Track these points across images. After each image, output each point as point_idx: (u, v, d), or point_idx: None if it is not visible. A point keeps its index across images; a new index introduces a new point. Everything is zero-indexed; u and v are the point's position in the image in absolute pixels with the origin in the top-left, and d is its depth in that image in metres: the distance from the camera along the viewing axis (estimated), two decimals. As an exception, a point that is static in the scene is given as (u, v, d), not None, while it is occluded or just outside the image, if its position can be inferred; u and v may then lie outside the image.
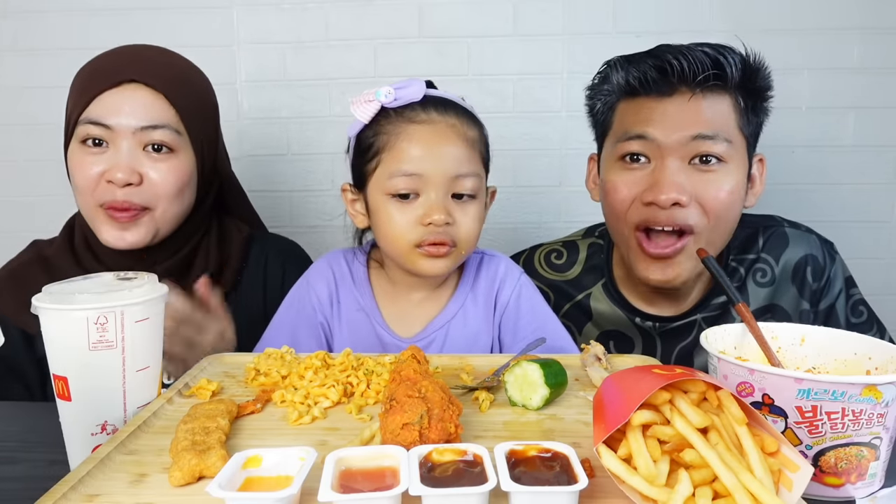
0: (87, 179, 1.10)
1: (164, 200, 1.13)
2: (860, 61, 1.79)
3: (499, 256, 1.17)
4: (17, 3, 1.84)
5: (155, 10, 1.83)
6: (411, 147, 0.99)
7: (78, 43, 1.85)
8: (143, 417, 0.72)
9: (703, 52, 1.04)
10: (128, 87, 1.10)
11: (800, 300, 1.21)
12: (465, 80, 1.84)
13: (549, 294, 1.27)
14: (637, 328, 1.23)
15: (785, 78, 1.79)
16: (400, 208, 1.01)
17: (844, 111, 1.82)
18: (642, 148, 1.09)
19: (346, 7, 1.83)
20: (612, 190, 1.13)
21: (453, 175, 0.99)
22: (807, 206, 1.83)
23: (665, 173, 1.06)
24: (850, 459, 0.67)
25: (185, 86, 1.16)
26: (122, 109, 1.09)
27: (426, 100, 1.02)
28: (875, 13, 1.77)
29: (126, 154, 1.09)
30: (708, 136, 1.04)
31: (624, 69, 1.11)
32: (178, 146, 1.13)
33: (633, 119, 1.10)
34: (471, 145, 1.02)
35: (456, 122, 1.01)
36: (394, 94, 1.00)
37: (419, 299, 1.12)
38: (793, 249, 1.21)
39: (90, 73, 1.14)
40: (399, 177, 0.99)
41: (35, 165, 1.90)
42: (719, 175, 1.06)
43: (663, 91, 1.07)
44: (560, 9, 1.81)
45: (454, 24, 1.83)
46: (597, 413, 0.62)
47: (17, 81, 1.88)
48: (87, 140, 1.10)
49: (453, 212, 1.00)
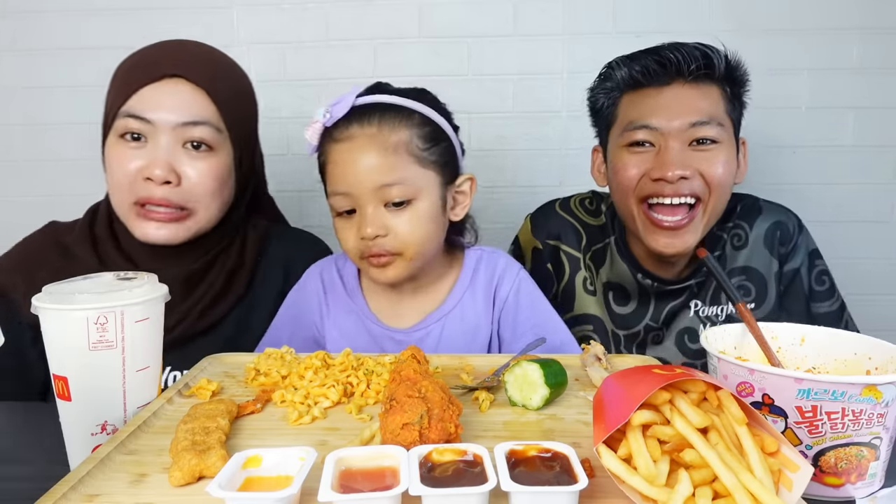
0: (124, 175, 1.07)
1: (203, 200, 1.11)
2: (860, 61, 1.79)
3: (498, 252, 1.19)
4: (16, 3, 1.84)
5: (155, 9, 1.83)
6: (336, 167, 1.02)
7: (77, 43, 1.85)
8: (143, 417, 0.73)
9: (695, 48, 1.20)
10: (169, 82, 1.08)
11: (771, 260, 1.34)
12: (465, 80, 1.84)
13: (583, 233, 1.39)
14: (637, 284, 1.34)
15: (785, 78, 1.80)
16: (343, 225, 1.05)
17: (844, 111, 1.81)
18: (647, 136, 1.22)
19: (346, 7, 1.83)
20: (622, 169, 1.24)
21: (376, 187, 0.99)
22: (807, 206, 1.82)
23: (671, 153, 1.19)
24: (850, 459, 0.67)
25: (227, 82, 1.14)
26: (163, 104, 1.07)
27: (353, 112, 1.01)
28: (875, 13, 1.77)
29: (164, 150, 1.07)
30: (704, 121, 1.19)
31: (627, 66, 1.25)
32: (217, 144, 1.11)
33: (637, 111, 1.23)
34: (393, 151, 0.99)
35: (376, 131, 1.00)
36: (330, 112, 1.02)
37: (412, 294, 1.13)
38: (765, 217, 1.35)
39: (131, 67, 1.11)
40: (334, 196, 1.03)
41: (34, 165, 1.90)
42: (715, 153, 1.20)
43: (662, 82, 1.21)
44: (560, 9, 1.81)
45: (454, 24, 1.82)
46: (597, 413, 0.62)
47: (15, 81, 1.88)
48: (125, 134, 1.08)
49: (388, 222, 1.00)
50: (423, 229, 1.03)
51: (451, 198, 1.09)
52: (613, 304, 1.36)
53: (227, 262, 1.21)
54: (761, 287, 1.33)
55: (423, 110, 1.04)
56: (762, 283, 1.33)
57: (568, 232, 1.38)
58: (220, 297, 1.19)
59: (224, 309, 1.19)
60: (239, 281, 1.22)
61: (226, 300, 1.20)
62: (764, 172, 1.82)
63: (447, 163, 1.06)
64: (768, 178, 1.78)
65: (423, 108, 1.04)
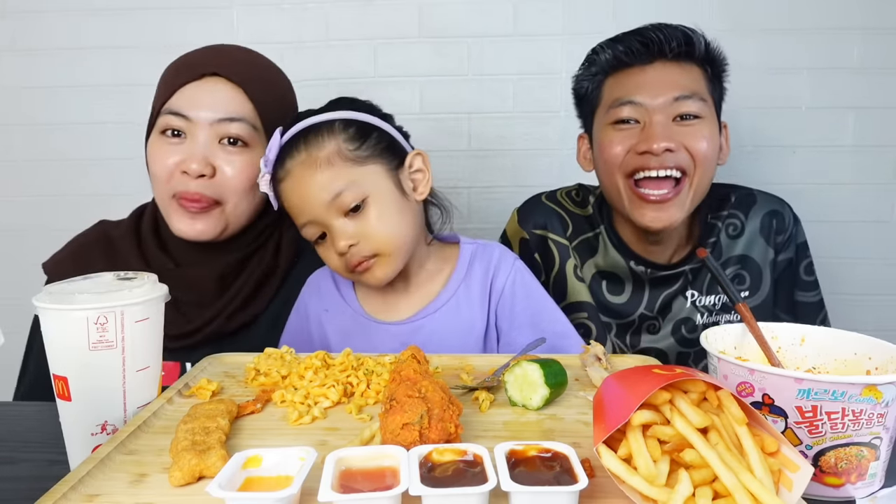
0: (164, 169, 1.12)
1: (235, 195, 1.14)
2: (860, 61, 1.79)
3: (493, 244, 1.19)
4: (16, 3, 1.84)
5: (155, 10, 1.83)
6: (290, 202, 1.06)
7: (77, 43, 1.85)
8: (143, 417, 0.73)
9: (676, 28, 1.25)
10: (209, 81, 1.12)
11: (767, 249, 1.36)
12: (465, 80, 1.84)
13: (569, 222, 1.40)
14: (630, 271, 1.36)
15: (785, 78, 1.80)
16: (322, 250, 1.08)
17: (844, 111, 1.81)
18: (632, 112, 1.24)
19: (346, 7, 1.83)
20: (608, 145, 1.27)
21: (327, 203, 1.02)
22: (807, 206, 1.82)
23: (656, 127, 1.22)
24: (850, 459, 0.67)
25: (265, 83, 1.19)
26: (202, 101, 1.11)
27: (283, 150, 1.05)
28: (875, 13, 1.77)
29: (202, 146, 1.11)
30: (686, 96, 1.23)
31: (611, 48, 1.29)
32: (253, 141, 1.15)
33: (621, 88, 1.26)
34: (327, 164, 1.02)
35: (304, 157, 1.03)
36: (266, 159, 1.05)
37: (403, 289, 1.14)
38: (761, 206, 1.37)
39: (176, 68, 1.17)
40: (303, 228, 1.07)
41: (34, 166, 1.90)
42: (699, 128, 1.23)
43: (645, 60, 1.25)
44: (560, 9, 1.81)
45: (454, 24, 1.82)
46: (597, 413, 0.62)
47: (15, 81, 1.88)
48: (166, 131, 1.13)
49: (354, 230, 1.03)
50: (391, 221, 1.05)
51: (407, 181, 1.09)
52: (607, 293, 1.37)
53: (260, 264, 1.24)
54: (756, 276, 1.35)
55: (340, 116, 1.06)
56: (758, 271, 1.35)
57: (554, 221, 1.40)
58: (250, 298, 1.22)
59: (255, 311, 1.22)
60: (271, 283, 1.24)
61: (256, 303, 1.22)
62: (764, 172, 1.82)
63: (386, 150, 1.07)
64: (768, 178, 1.78)
65: (339, 114, 1.06)
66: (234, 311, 1.20)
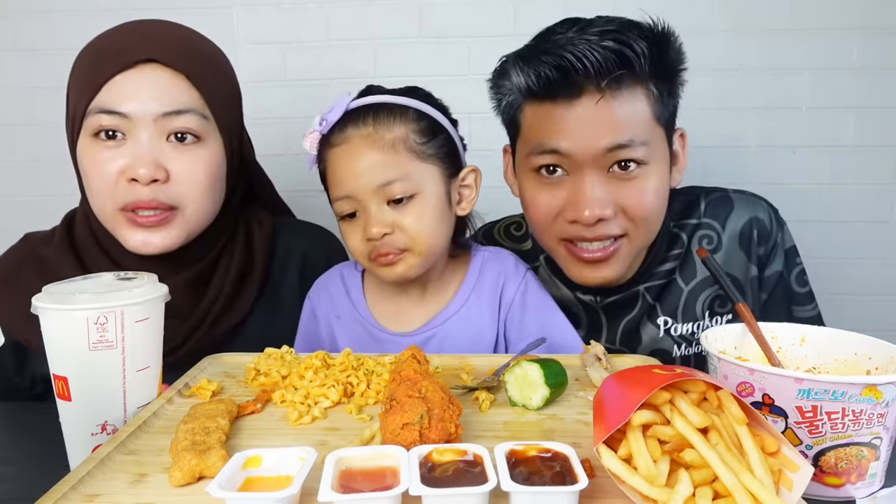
0: (105, 178, 0.97)
1: (195, 197, 1.01)
2: (860, 61, 1.79)
3: (504, 253, 1.17)
4: (18, 3, 1.84)
5: (155, 9, 1.81)
6: (335, 172, 1.02)
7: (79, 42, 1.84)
8: (143, 417, 0.73)
9: (603, 46, 0.96)
10: (144, 68, 0.97)
11: (748, 265, 1.17)
12: (465, 80, 1.83)
13: None
14: (580, 302, 1.20)
15: (785, 78, 1.80)
16: (348, 228, 1.04)
17: (844, 111, 1.81)
18: (557, 160, 1.03)
19: (346, 7, 1.83)
20: (532, 205, 1.09)
21: (376, 186, 0.98)
22: (807, 206, 1.83)
23: (584, 190, 1.01)
24: (850, 459, 0.67)
25: (209, 64, 1.05)
26: (139, 94, 0.96)
27: (347, 115, 1.01)
28: (875, 13, 1.77)
29: (147, 146, 0.96)
30: (623, 144, 0.99)
31: (521, 70, 1.04)
32: (204, 133, 1.02)
33: (543, 130, 1.03)
34: (391, 148, 0.99)
35: (371, 131, 0.99)
36: (325, 119, 1.02)
37: (418, 298, 1.13)
38: (738, 213, 1.17)
39: (96, 56, 1.01)
40: (337, 201, 1.03)
41: (36, 165, 1.90)
42: (640, 180, 1.02)
43: (570, 93, 0.99)
44: (560, 9, 1.80)
45: (454, 24, 1.82)
46: (597, 413, 0.62)
47: (17, 81, 1.88)
48: (99, 132, 0.97)
49: (392, 220, 1.00)
50: (430, 223, 1.02)
51: (455, 192, 1.08)
52: None
53: (231, 263, 1.15)
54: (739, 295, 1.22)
55: (416, 105, 1.04)
56: (739, 289, 1.16)
57: None
58: (229, 303, 1.13)
59: (239, 315, 1.14)
60: (251, 283, 1.16)
61: (238, 305, 1.14)
62: (764, 172, 1.82)
63: (447, 155, 1.06)
64: (768, 179, 1.78)
65: (416, 104, 1.04)
66: (215, 318, 1.11)
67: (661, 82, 1.02)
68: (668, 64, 1.02)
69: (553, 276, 1.23)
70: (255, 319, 1.17)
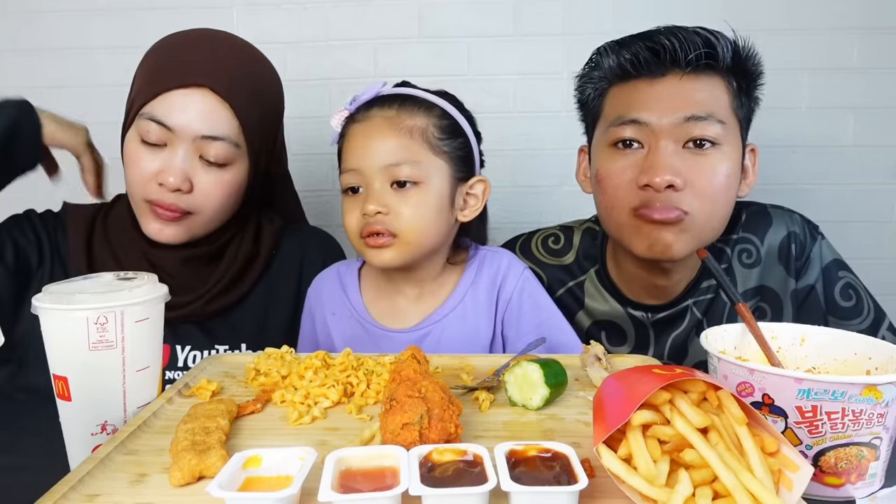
0: (140, 176, 1.10)
1: (210, 210, 1.14)
2: (860, 61, 1.79)
3: (502, 252, 1.18)
4: (17, 3, 1.84)
5: (155, 9, 1.83)
6: (350, 144, 1.05)
7: (78, 42, 1.85)
8: (143, 417, 0.73)
9: (695, 33, 1.05)
10: (196, 91, 1.08)
11: (787, 279, 1.19)
12: (465, 80, 1.83)
13: (544, 278, 1.26)
14: (629, 318, 1.22)
15: (785, 78, 1.80)
16: (349, 202, 1.06)
17: (844, 111, 1.81)
18: (635, 133, 1.07)
19: (346, 7, 1.83)
20: (606, 177, 1.12)
21: (384, 165, 1.01)
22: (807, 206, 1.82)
23: (660, 156, 1.04)
24: (850, 459, 0.67)
25: (254, 95, 1.15)
26: (186, 113, 1.07)
27: (376, 98, 1.06)
28: (875, 13, 1.77)
29: (181, 159, 1.08)
30: (701, 116, 1.03)
31: (615, 52, 1.11)
32: (234, 158, 1.13)
33: (625, 103, 1.09)
34: (406, 133, 1.02)
35: (393, 114, 1.03)
36: (356, 99, 1.06)
37: (415, 296, 1.13)
38: (776, 228, 1.20)
39: (162, 64, 1.11)
40: (344, 173, 1.06)
41: (35, 165, 1.90)
42: (714, 159, 1.05)
43: (654, 73, 1.06)
44: (560, 9, 1.81)
45: (454, 25, 1.82)
46: (597, 413, 0.62)
47: (17, 81, 1.87)
48: (146, 137, 1.09)
49: (391, 201, 1.02)
50: (426, 215, 1.04)
51: (461, 197, 1.10)
52: (608, 345, 1.22)
53: (239, 249, 1.23)
54: (777, 308, 1.18)
55: (444, 105, 1.08)
56: (778, 302, 1.18)
57: None
58: (236, 280, 1.22)
59: (239, 293, 1.22)
60: (254, 269, 1.24)
61: (241, 285, 1.23)
62: (764, 172, 1.81)
63: (461, 159, 1.08)
64: (768, 179, 1.77)
65: (444, 104, 1.08)
66: (217, 293, 1.20)
67: (740, 79, 1.08)
68: (748, 70, 1.09)
69: (602, 291, 1.24)
70: (252, 301, 1.25)
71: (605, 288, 1.23)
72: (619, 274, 1.24)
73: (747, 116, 1.12)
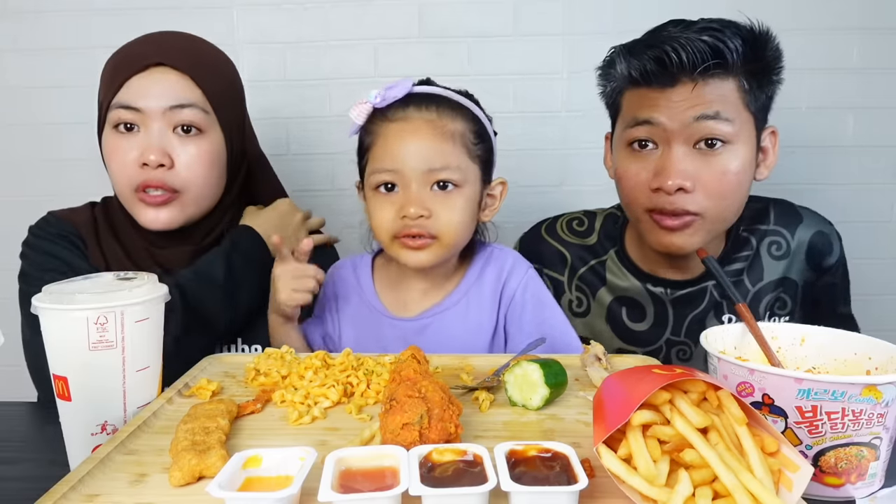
0: (123, 164, 1.13)
1: (195, 185, 1.16)
2: (860, 61, 1.78)
3: (507, 250, 1.20)
4: (17, 3, 1.84)
5: (155, 9, 1.83)
6: (388, 144, 1.05)
7: (78, 43, 1.85)
8: (143, 417, 0.73)
9: (703, 41, 1.06)
10: (155, 71, 1.13)
11: (808, 271, 1.25)
12: (465, 80, 1.81)
13: (568, 256, 1.33)
14: (649, 294, 1.27)
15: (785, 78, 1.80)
16: (382, 201, 1.06)
17: (844, 111, 1.81)
18: (649, 133, 1.12)
19: (346, 7, 1.82)
20: (623, 177, 1.18)
21: (427, 169, 1.02)
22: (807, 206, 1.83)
23: (671, 159, 1.10)
24: (850, 459, 0.67)
25: (211, 68, 1.20)
26: (151, 92, 1.12)
27: (409, 97, 1.05)
28: (875, 13, 1.76)
29: (157, 136, 1.12)
30: (710, 115, 1.07)
31: (626, 60, 1.15)
32: (206, 126, 1.16)
33: (639, 106, 1.14)
34: (449, 138, 1.04)
35: (434, 118, 1.04)
36: (383, 94, 1.05)
37: (423, 289, 1.15)
38: (806, 225, 1.26)
39: (118, 61, 1.17)
40: (379, 173, 1.05)
41: (36, 165, 1.90)
42: (724, 158, 1.09)
43: (665, 82, 1.09)
44: (560, 9, 1.81)
45: (454, 24, 1.82)
46: (597, 413, 0.62)
47: (17, 81, 1.87)
48: (118, 125, 1.14)
49: (432, 204, 1.03)
50: (462, 218, 1.06)
51: (484, 199, 1.12)
52: (628, 321, 1.28)
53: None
54: (793, 298, 1.25)
55: (473, 108, 1.10)
56: (794, 293, 1.25)
57: (551, 256, 1.33)
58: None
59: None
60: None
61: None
62: (764, 172, 1.82)
63: (486, 162, 1.11)
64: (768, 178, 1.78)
65: (473, 107, 1.10)
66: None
67: (752, 77, 1.10)
68: (762, 62, 1.11)
69: (622, 269, 1.30)
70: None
71: (625, 265, 1.30)
72: (638, 250, 1.29)
73: (763, 107, 1.15)
